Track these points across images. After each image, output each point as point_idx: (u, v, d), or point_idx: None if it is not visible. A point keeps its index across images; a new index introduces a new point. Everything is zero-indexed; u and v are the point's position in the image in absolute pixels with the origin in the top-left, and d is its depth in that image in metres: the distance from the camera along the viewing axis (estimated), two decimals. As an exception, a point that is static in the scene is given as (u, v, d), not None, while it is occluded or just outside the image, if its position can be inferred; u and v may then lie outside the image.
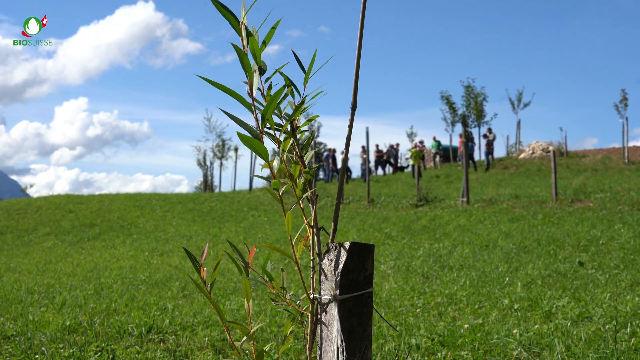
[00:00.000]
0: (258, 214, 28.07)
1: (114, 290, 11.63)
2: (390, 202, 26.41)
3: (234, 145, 49.47)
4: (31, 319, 9.03)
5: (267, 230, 22.31)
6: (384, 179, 43.26)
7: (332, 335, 2.57)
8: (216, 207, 31.45)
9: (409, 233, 18.52)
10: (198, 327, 8.17)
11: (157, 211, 31.38)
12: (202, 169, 51.56)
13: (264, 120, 2.63)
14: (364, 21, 2.67)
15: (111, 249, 21.13)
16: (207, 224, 26.69)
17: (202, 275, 2.94)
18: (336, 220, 2.73)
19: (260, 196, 34.06)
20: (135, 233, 25.98)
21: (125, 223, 28.97)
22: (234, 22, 2.63)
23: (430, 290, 10.22)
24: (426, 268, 12.30)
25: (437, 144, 47.10)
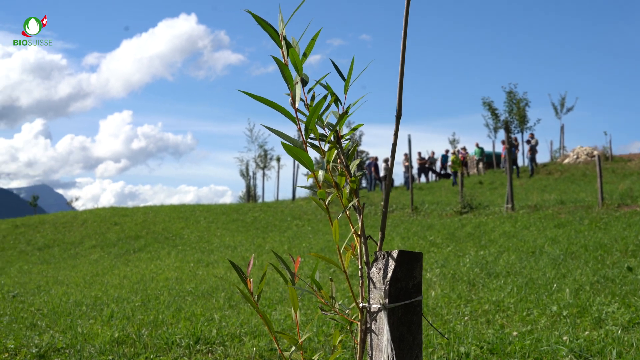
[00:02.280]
0: (302, 224, 28.09)
1: (160, 302, 11.71)
2: (434, 210, 26.29)
3: (276, 155, 49.66)
4: (80, 331, 9.12)
5: (311, 240, 22.32)
6: (426, 186, 43.11)
7: (382, 344, 2.56)
8: (260, 217, 31.54)
9: (453, 240, 18.41)
10: (245, 337, 8.19)
11: (201, 222, 31.54)
12: (245, 180, 51.83)
13: (308, 131, 2.63)
14: (406, 30, 2.66)
15: (157, 261, 21.28)
16: (251, 234, 26.77)
17: (249, 286, 2.95)
18: (383, 229, 2.72)
19: (304, 206, 34.09)
20: (180, 244, 26.13)
21: (170, 234, 29.16)
22: (274, 34, 2.63)
23: (477, 298, 10.15)
24: (472, 275, 12.21)
25: (480, 150, 46.80)
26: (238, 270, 2.88)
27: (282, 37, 2.64)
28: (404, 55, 2.68)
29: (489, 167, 47.64)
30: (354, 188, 2.75)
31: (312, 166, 2.57)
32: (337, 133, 2.72)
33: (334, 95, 2.73)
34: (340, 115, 2.72)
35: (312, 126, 2.61)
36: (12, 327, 9.96)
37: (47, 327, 9.83)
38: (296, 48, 2.62)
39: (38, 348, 8.07)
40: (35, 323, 10.28)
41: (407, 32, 2.67)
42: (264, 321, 2.83)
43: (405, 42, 2.66)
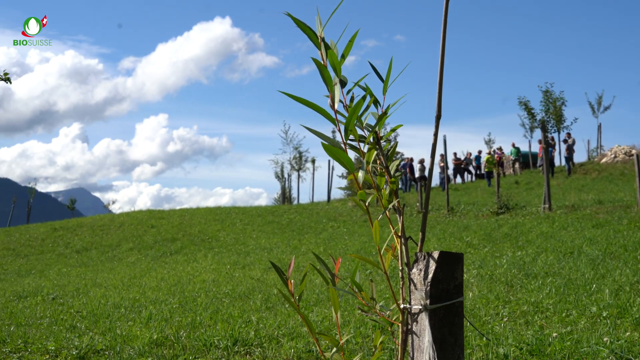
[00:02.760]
0: (337, 225, 28.08)
1: (198, 304, 11.76)
2: (470, 210, 26.16)
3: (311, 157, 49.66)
4: (119, 333, 9.19)
5: (347, 241, 22.30)
6: (462, 187, 42.90)
7: (423, 345, 2.55)
8: (295, 219, 31.58)
9: (490, 241, 18.30)
10: (283, 339, 8.20)
11: (237, 224, 31.65)
12: (280, 182, 51.89)
13: (347, 132, 2.62)
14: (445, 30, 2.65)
15: (193, 263, 21.38)
16: (286, 236, 26.81)
17: (290, 287, 2.95)
18: (424, 230, 2.72)
19: (339, 207, 34.08)
20: (216, 246, 26.24)
21: (206, 237, 29.30)
22: (313, 36, 2.64)
23: (515, 299, 10.08)
24: (510, 276, 12.13)
25: (516, 150, 46.46)
26: (279, 271, 2.89)
27: (321, 38, 2.64)
28: (443, 55, 2.67)
29: (525, 167, 47.28)
30: (393, 189, 2.74)
31: (352, 167, 2.57)
32: (377, 134, 2.72)
33: (373, 97, 2.73)
34: (379, 116, 2.71)
35: (351, 127, 2.61)
36: (52, 329, 10.06)
37: (86, 329, 9.91)
38: (334, 50, 2.63)
39: (78, 350, 8.15)
40: (74, 325, 10.37)
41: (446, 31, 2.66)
42: (304, 322, 2.84)
43: (444, 42, 2.66)
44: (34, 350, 8.42)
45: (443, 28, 2.67)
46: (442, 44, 2.68)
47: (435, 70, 2.70)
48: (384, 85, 2.75)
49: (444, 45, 2.68)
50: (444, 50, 2.69)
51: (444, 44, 2.67)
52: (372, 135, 2.71)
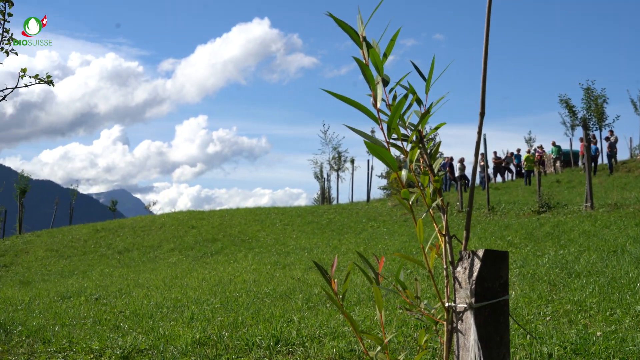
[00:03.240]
0: (377, 225, 28.04)
1: (239, 304, 11.80)
2: (511, 209, 25.97)
3: (350, 157, 49.60)
4: (162, 333, 9.26)
5: (387, 241, 22.25)
6: (502, 186, 42.62)
7: (469, 344, 2.54)
8: (335, 219, 31.57)
9: (532, 240, 18.16)
10: (325, 338, 8.21)
11: (277, 225, 31.72)
12: (320, 182, 51.90)
13: (390, 130, 2.62)
14: (489, 27, 2.64)
15: (234, 263, 21.46)
16: (326, 236, 26.82)
17: (334, 286, 2.96)
18: (468, 228, 2.71)
19: (378, 207, 34.02)
20: (256, 247, 26.33)
21: (246, 237, 29.40)
22: (354, 35, 2.64)
23: (558, 298, 9.99)
24: (552, 275, 12.03)
25: (557, 149, 46.04)
26: (322, 271, 2.90)
27: (362, 38, 2.64)
28: (486, 52, 2.66)
29: (567, 166, 46.86)
30: (437, 187, 2.74)
31: (395, 165, 2.57)
32: (420, 132, 2.71)
33: (416, 95, 2.72)
34: (422, 114, 2.71)
35: (394, 125, 2.60)
36: (96, 329, 10.17)
37: (129, 329, 10.00)
38: (376, 48, 2.63)
39: (122, 349, 8.23)
40: (118, 325, 10.46)
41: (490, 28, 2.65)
42: (348, 321, 2.84)
43: (487, 39, 2.64)
44: (79, 350, 8.51)
45: (486, 25, 2.65)
46: (485, 41, 2.67)
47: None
48: (427, 83, 2.74)
49: (487, 42, 2.67)
50: (487, 47, 2.68)
51: (487, 41, 2.66)
52: (415, 134, 2.70)
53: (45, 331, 10.04)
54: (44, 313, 12.50)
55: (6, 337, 9.83)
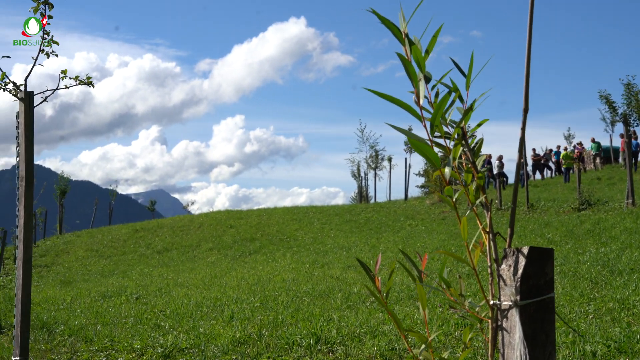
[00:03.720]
0: (415, 223, 27.95)
1: (279, 303, 11.83)
2: (551, 207, 25.76)
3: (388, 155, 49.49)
4: (203, 332, 9.32)
5: (425, 239, 22.18)
6: (542, 183, 42.25)
7: (514, 342, 2.53)
8: (373, 217, 31.53)
9: (572, 237, 18.00)
10: (365, 337, 8.20)
11: (314, 224, 31.74)
12: (357, 180, 51.78)
13: (433, 128, 2.62)
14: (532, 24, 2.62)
15: (272, 262, 21.51)
16: (364, 234, 26.79)
17: (377, 284, 2.95)
18: (512, 225, 2.69)
19: (416, 205, 33.92)
20: (294, 246, 26.36)
21: (285, 236, 29.45)
22: (397, 32, 2.63)
23: (600, 296, 9.90)
24: (594, 273, 11.91)
25: (596, 145, 45.54)
26: (366, 269, 2.90)
27: (405, 35, 2.64)
28: (529, 48, 2.64)
29: (607, 162, 46.34)
30: (480, 184, 2.72)
31: (438, 163, 2.56)
32: (463, 129, 2.70)
33: (458, 92, 2.71)
34: (465, 111, 2.70)
35: (437, 123, 2.60)
36: (137, 328, 10.25)
37: (170, 328, 10.07)
38: (418, 45, 2.62)
39: (163, 348, 8.29)
40: (158, 324, 10.54)
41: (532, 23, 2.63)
42: (392, 319, 2.83)
43: (530, 34, 2.62)
44: (120, 349, 8.60)
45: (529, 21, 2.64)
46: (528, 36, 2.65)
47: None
48: (467, 80, 2.73)
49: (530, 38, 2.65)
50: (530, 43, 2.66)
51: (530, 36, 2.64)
52: (457, 131, 2.69)
53: (87, 330, 10.14)
54: (85, 312, 12.62)
55: (49, 336, 9.94)
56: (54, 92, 6.63)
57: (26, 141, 6.38)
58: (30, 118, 6.40)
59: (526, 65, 2.65)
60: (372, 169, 49.74)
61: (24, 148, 6.37)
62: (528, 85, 2.66)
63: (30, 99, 6.40)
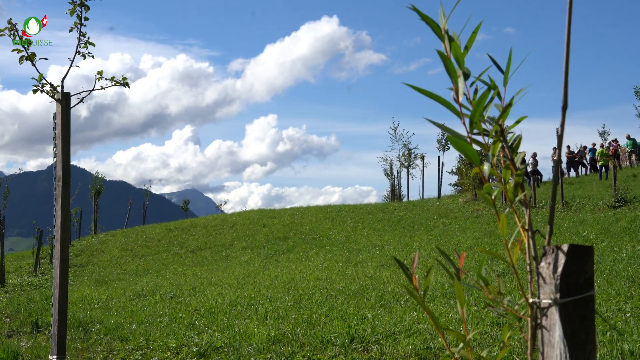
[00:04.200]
0: (448, 222, 27.85)
1: (312, 301, 11.84)
2: (586, 204, 25.54)
3: (420, 153, 49.31)
4: (237, 331, 9.34)
5: (459, 238, 22.09)
6: (576, 180, 41.93)
7: (554, 340, 2.50)
8: (406, 216, 31.44)
9: (608, 235, 17.84)
10: (400, 335, 8.18)
11: (347, 222, 31.72)
12: (390, 179, 51.63)
13: (472, 125, 2.60)
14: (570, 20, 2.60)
15: (305, 261, 21.53)
16: (397, 233, 26.73)
17: (414, 283, 2.94)
18: (552, 223, 2.66)
19: (450, 204, 33.78)
20: (327, 245, 26.36)
21: (317, 235, 29.46)
22: (437, 29, 2.62)
23: (637, 294, 9.80)
24: (631, 271, 11.79)
25: (632, 142, 45.05)
26: (403, 267, 2.89)
27: (444, 31, 2.63)
28: (568, 43, 2.61)
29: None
30: (519, 182, 2.70)
31: (477, 160, 2.55)
32: (501, 126, 2.68)
33: (497, 89, 2.69)
34: (503, 108, 2.68)
35: (476, 119, 2.58)
36: (172, 327, 10.30)
37: (205, 327, 10.11)
38: (457, 41, 2.61)
39: (198, 347, 8.33)
40: (193, 323, 10.59)
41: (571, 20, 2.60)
42: (430, 317, 2.82)
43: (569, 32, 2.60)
44: (156, 348, 8.64)
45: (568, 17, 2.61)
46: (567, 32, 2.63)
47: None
48: (505, 76, 2.71)
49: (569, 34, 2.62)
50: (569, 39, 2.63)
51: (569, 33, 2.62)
52: (496, 128, 2.68)
53: (122, 329, 10.20)
54: (120, 311, 12.70)
55: (85, 335, 10.02)
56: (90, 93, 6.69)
57: (63, 142, 6.44)
58: (67, 119, 6.46)
59: (565, 61, 2.62)
60: (405, 167, 49.59)
61: (60, 149, 6.43)
62: (567, 81, 2.63)
63: (67, 100, 6.46)
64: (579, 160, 46.33)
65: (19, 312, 13.40)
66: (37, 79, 6.46)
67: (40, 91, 6.51)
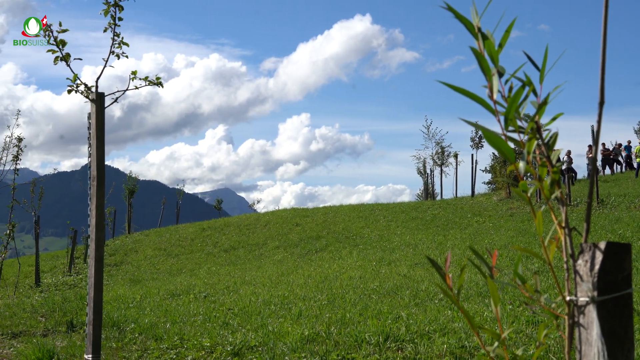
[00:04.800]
0: (482, 220, 27.72)
1: (346, 300, 11.84)
2: (621, 202, 25.32)
3: (454, 151, 49.11)
4: (271, 330, 9.36)
5: (493, 236, 21.98)
6: (612, 178, 41.57)
7: (591, 339, 2.49)
8: (439, 214, 31.34)
9: (644, 233, 17.68)
10: (434, 334, 8.16)
11: (380, 221, 31.68)
12: (423, 177, 51.46)
13: (507, 122, 2.59)
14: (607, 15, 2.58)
15: (338, 260, 21.53)
16: (431, 232, 26.65)
17: (448, 281, 2.94)
18: (589, 220, 2.64)
19: (484, 202, 33.63)
20: (360, 243, 26.34)
21: (350, 234, 29.45)
22: (470, 26, 2.62)
23: (674, 293, 9.71)
24: (667, 269, 11.68)
25: (668, 139, 44.61)
26: (437, 266, 2.88)
27: (477, 28, 2.62)
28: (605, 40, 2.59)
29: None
30: (555, 179, 2.69)
31: (513, 157, 2.54)
32: (537, 123, 2.67)
33: (532, 86, 2.68)
34: (539, 105, 2.66)
35: (511, 116, 2.57)
36: (206, 326, 10.34)
37: (239, 326, 10.14)
38: (491, 39, 2.60)
39: (232, 346, 8.35)
40: (227, 322, 10.62)
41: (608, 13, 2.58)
42: (465, 316, 2.81)
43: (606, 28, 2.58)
44: (190, 347, 8.69)
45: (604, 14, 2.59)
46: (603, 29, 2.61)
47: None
48: (541, 73, 2.70)
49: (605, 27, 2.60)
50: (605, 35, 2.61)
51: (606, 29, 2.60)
52: (531, 125, 2.66)
53: (157, 328, 10.27)
54: (154, 310, 12.78)
55: (119, 334, 10.09)
56: (124, 92, 6.74)
57: (97, 142, 6.49)
58: (102, 119, 6.51)
59: (602, 56, 2.60)
60: (438, 165, 49.39)
61: (95, 148, 6.49)
62: (604, 77, 2.61)
63: (101, 100, 6.52)
64: (614, 158, 45.90)
65: (54, 311, 13.54)
66: (71, 79, 6.52)
67: (75, 91, 6.57)
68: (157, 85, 7.10)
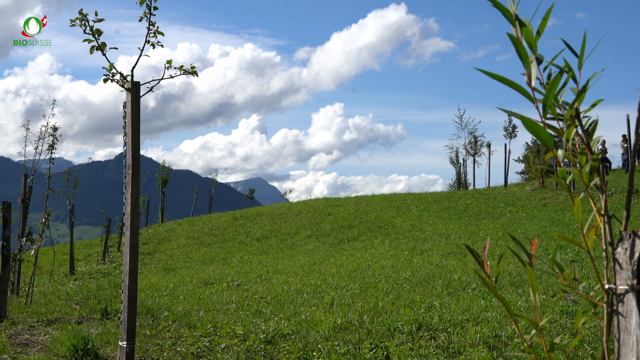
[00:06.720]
0: (515, 210, 27.57)
1: (379, 289, 11.83)
2: (656, 192, 25.07)
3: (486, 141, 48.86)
4: (303, 318, 9.38)
5: (526, 226, 21.84)
6: (646, 168, 41.20)
7: (630, 327, 2.47)
8: (472, 204, 31.21)
9: (680, 224, 17.49)
10: (467, 324, 8.14)
11: (412, 211, 31.61)
12: (455, 167, 51.27)
13: (545, 109, 2.57)
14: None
15: (370, 249, 21.50)
16: (463, 221, 26.55)
17: (486, 269, 2.93)
18: (629, 208, 2.62)
19: (517, 192, 33.44)
20: (392, 233, 26.30)
21: (382, 224, 29.41)
22: (508, 13, 2.60)
23: None
24: None
25: None
26: (474, 254, 2.87)
27: (515, 16, 2.60)
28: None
29: None
30: (595, 166, 2.66)
31: (552, 144, 2.52)
32: (577, 110, 2.64)
33: (571, 72, 2.66)
34: (578, 91, 2.64)
35: (549, 103, 2.55)
36: (239, 314, 10.38)
37: (271, 314, 10.17)
38: (529, 26, 2.58)
39: (265, 334, 8.38)
40: (260, 310, 10.66)
41: None
42: (502, 303, 2.80)
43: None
44: (223, 335, 8.72)
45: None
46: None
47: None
48: (579, 60, 2.68)
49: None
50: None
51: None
52: (570, 112, 2.64)
53: (190, 316, 10.32)
54: (188, 299, 12.85)
55: (154, 322, 10.16)
56: (160, 81, 6.77)
57: (133, 130, 6.53)
58: (137, 108, 6.55)
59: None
60: (471, 155, 49.19)
61: (130, 137, 6.53)
62: (644, 63, 2.58)
63: (137, 88, 6.55)
64: (650, 148, 45.39)
65: (88, 299, 13.67)
66: (107, 68, 6.56)
67: (110, 80, 6.61)
68: (192, 74, 7.12)
